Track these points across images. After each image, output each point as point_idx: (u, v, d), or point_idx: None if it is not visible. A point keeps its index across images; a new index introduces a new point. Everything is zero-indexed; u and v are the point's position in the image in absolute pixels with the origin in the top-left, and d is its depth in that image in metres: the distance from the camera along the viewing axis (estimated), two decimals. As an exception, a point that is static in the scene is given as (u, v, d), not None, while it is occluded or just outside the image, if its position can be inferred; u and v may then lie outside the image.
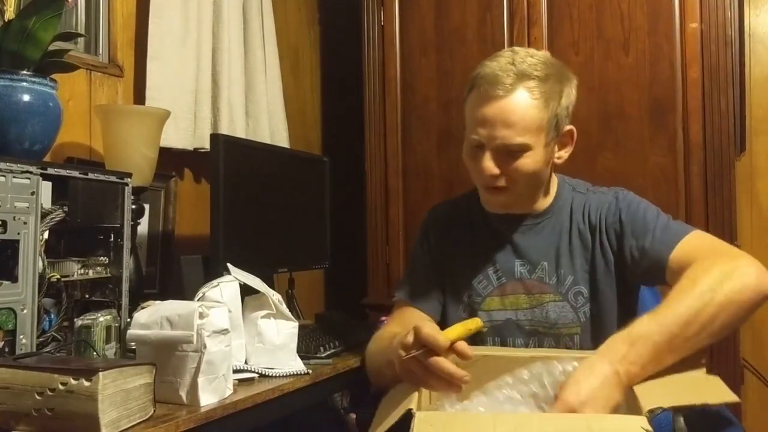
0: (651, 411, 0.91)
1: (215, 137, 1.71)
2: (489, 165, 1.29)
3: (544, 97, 1.27)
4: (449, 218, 1.51)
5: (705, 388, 1.04)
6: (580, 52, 2.07)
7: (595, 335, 1.35)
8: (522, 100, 1.26)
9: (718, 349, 1.84)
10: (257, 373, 1.38)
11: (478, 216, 1.46)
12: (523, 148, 1.28)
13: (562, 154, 1.37)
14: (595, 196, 1.41)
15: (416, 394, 1.05)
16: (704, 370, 1.11)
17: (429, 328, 1.08)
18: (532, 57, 1.29)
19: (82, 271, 1.35)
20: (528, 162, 1.29)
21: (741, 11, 2.15)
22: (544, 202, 1.41)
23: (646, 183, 1.96)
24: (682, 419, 1.02)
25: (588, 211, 1.39)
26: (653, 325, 1.09)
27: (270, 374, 1.38)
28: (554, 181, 1.43)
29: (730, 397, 1.00)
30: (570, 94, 1.33)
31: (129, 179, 1.41)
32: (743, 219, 2.32)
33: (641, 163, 2.00)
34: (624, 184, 1.44)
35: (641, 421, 0.87)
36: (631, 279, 1.36)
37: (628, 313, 1.34)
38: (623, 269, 1.35)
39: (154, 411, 1.07)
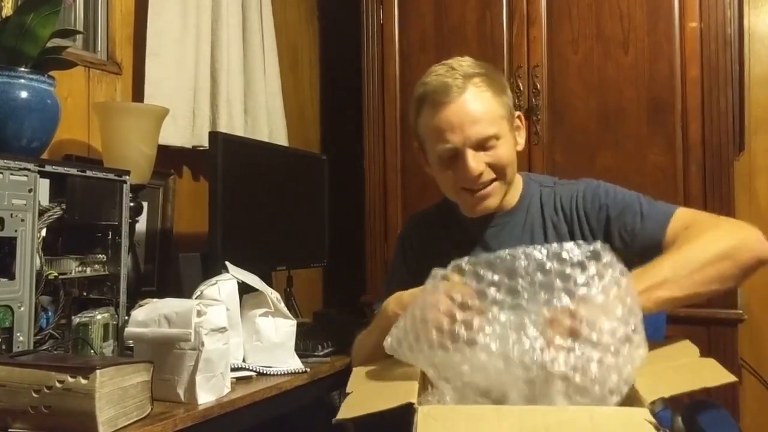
0: (653, 402, 0.91)
1: (214, 135, 1.71)
2: (474, 164, 1.30)
3: (492, 88, 1.33)
4: (427, 227, 1.52)
5: (702, 372, 1.03)
6: (579, 50, 2.07)
7: None
8: (477, 95, 1.31)
9: (715, 348, 1.84)
10: (255, 371, 1.38)
11: (454, 222, 1.46)
12: (496, 137, 1.32)
13: (520, 141, 1.41)
14: (564, 188, 1.41)
15: (415, 383, 1.03)
16: (698, 353, 1.11)
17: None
18: (465, 60, 1.35)
19: (80, 268, 1.34)
20: (504, 150, 1.33)
21: (741, 10, 2.15)
22: (511, 198, 1.41)
23: (645, 182, 1.96)
24: (680, 418, 1.02)
25: (560, 203, 1.39)
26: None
27: (268, 372, 1.38)
28: (518, 177, 1.44)
29: (728, 377, 1.00)
30: (507, 85, 1.41)
31: (127, 177, 1.41)
32: (742, 218, 2.28)
33: (640, 162, 2.00)
34: (623, 183, 1.44)
35: (644, 413, 0.86)
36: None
37: None
38: None
39: (152, 409, 1.07)
